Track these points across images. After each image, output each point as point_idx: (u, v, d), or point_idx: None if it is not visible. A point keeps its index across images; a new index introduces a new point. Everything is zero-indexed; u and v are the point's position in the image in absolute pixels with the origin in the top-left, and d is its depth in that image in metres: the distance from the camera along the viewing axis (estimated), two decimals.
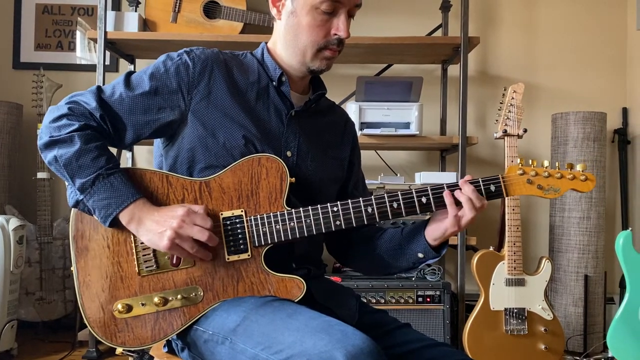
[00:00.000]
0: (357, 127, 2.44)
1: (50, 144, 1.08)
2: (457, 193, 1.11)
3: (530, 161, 1.14)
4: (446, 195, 1.11)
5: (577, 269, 2.61)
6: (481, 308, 2.25)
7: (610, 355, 2.12)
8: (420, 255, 1.19)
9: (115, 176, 1.07)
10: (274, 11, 1.22)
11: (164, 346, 1.23)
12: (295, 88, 1.25)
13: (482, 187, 1.13)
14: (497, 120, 2.31)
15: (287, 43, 1.20)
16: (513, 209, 2.27)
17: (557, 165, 1.15)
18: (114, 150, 1.32)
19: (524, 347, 2.23)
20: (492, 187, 1.13)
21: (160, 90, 1.14)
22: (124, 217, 1.07)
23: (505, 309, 2.24)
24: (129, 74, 1.17)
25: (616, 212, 2.98)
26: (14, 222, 2.34)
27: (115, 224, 1.08)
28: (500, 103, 2.32)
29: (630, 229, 2.13)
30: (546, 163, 1.14)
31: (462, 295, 2.46)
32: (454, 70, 2.82)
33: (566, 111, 2.69)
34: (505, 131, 2.26)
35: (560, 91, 3.02)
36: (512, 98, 2.27)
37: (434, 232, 1.15)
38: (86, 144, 1.07)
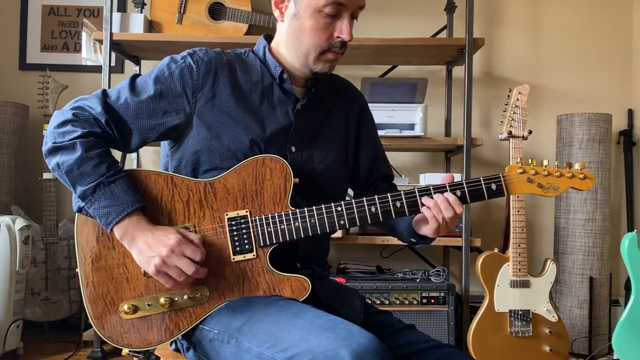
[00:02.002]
0: None
1: (54, 150, 1.09)
2: (430, 204, 1.13)
3: (529, 160, 1.16)
4: (424, 210, 1.13)
5: (582, 270, 2.60)
6: (486, 310, 2.25)
7: (615, 357, 2.11)
8: (413, 240, 1.25)
9: (115, 184, 1.07)
10: (276, 13, 1.22)
11: (170, 344, 1.23)
12: (297, 85, 1.25)
13: (483, 186, 1.14)
14: (502, 122, 2.31)
15: (290, 45, 1.20)
16: (518, 211, 2.27)
17: (556, 164, 1.17)
18: (118, 154, 1.33)
19: (528, 348, 2.23)
20: (493, 186, 1.14)
21: (165, 94, 1.15)
22: (117, 231, 1.07)
23: (510, 311, 2.24)
24: (133, 78, 1.18)
25: (621, 214, 2.97)
26: (20, 223, 2.35)
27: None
28: (505, 104, 2.32)
29: (635, 231, 2.12)
30: (546, 162, 1.16)
31: (467, 297, 2.45)
32: (458, 71, 2.82)
33: (571, 112, 2.69)
34: (510, 132, 2.26)
35: (565, 92, 3.02)
36: (517, 99, 2.27)
37: (419, 229, 1.21)
38: (87, 151, 1.07)
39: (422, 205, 1.13)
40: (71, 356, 2.46)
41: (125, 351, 1.14)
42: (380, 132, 2.49)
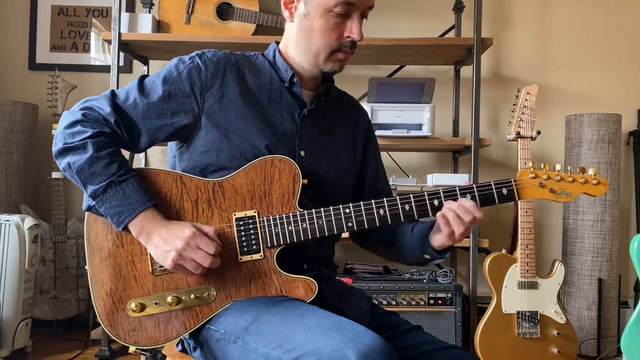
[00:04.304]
0: None
1: (64, 151, 1.10)
2: (445, 209, 1.11)
3: (542, 165, 1.15)
4: (438, 216, 1.11)
5: (591, 272, 2.58)
6: (493, 311, 2.24)
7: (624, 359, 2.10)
8: (427, 256, 1.20)
9: (127, 183, 1.08)
10: (286, 13, 1.22)
11: (177, 344, 1.24)
12: (306, 87, 1.25)
13: (494, 190, 1.13)
14: (510, 122, 2.30)
15: (300, 45, 1.20)
16: (526, 212, 2.26)
17: (569, 169, 1.15)
18: (126, 153, 1.33)
19: (536, 350, 2.21)
20: (505, 191, 1.13)
21: (173, 95, 1.15)
22: (133, 228, 1.08)
23: (518, 312, 2.23)
24: (142, 79, 1.18)
25: (631, 215, 2.95)
26: (29, 221, 2.36)
27: (128, 229, 1.09)
28: (514, 104, 2.31)
29: None
30: (558, 167, 1.15)
31: (474, 298, 2.44)
32: (466, 71, 2.81)
33: (580, 113, 2.67)
34: (519, 133, 2.25)
35: (574, 93, 3.00)
36: (526, 100, 2.26)
37: (434, 241, 1.16)
38: (98, 151, 1.08)
39: (436, 210, 1.12)
40: (79, 354, 2.48)
41: (132, 349, 1.15)
42: (388, 132, 2.50)
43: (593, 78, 2.99)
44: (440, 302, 2.34)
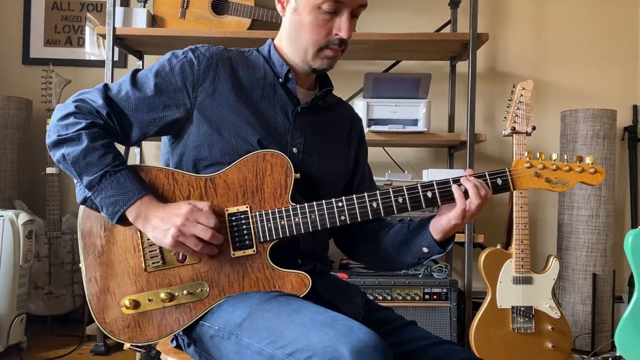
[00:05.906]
0: (364, 123, 2.44)
1: (58, 143, 1.10)
2: (463, 179, 1.11)
3: (538, 154, 1.13)
4: (455, 189, 1.10)
5: (586, 267, 2.59)
6: (488, 306, 2.24)
7: (618, 354, 2.10)
8: (425, 249, 1.18)
9: (121, 173, 1.08)
10: (278, 7, 1.22)
11: (172, 341, 1.24)
12: (301, 84, 1.25)
13: (488, 180, 1.12)
14: (505, 118, 2.30)
15: (291, 40, 1.20)
16: (521, 207, 2.26)
17: (565, 158, 1.13)
18: (122, 147, 1.33)
19: (531, 345, 2.22)
20: (499, 181, 1.12)
21: (165, 88, 1.15)
22: (130, 214, 1.08)
23: (513, 307, 2.23)
24: (135, 72, 1.18)
25: (625, 210, 2.95)
26: (23, 217, 2.36)
27: (123, 220, 1.09)
28: (509, 100, 2.31)
29: (639, 227, 2.11)
30: (554, 156, 1.12)
31: (469, 293, 2.45)
32: (462, 66, 2.80)
33: (575, 108, 2.67)
34: (514, 128, 2.25)
35: (569, 88, 3.00)
36: (521, 95, 2.25)
37: (438, 224, 1.14)
38: (93, 142, 1.08)
39: (430, 202, 1.11)
40: (74, 350, 2.48)
41: (127, 346, 1.14)
42: (384, 128, 2.49)
43: (588, 74, 3.00)
44: (435, 297, 2.35)
